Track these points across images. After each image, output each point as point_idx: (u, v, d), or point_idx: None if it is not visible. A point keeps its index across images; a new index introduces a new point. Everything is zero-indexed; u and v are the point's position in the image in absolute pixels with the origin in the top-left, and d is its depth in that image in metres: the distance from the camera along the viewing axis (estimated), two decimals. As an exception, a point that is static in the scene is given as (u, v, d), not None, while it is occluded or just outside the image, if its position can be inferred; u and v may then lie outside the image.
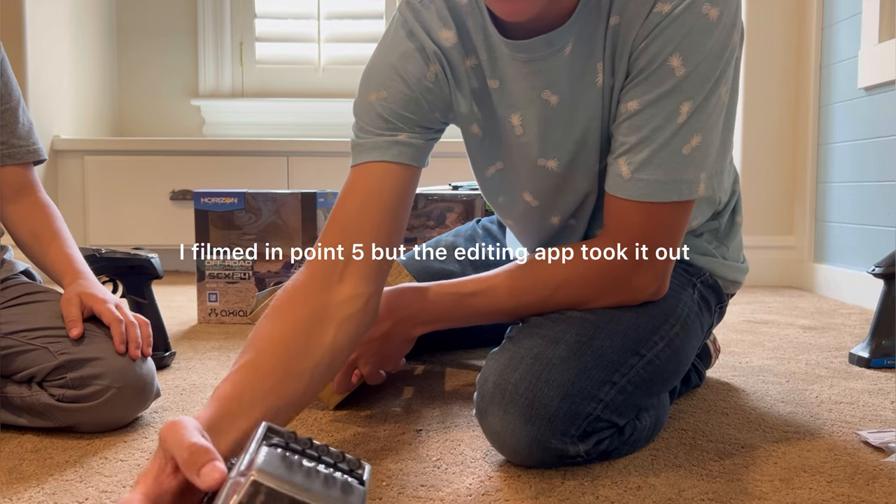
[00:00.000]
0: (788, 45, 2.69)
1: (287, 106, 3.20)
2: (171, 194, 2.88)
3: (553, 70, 0.93)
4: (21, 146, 1.22)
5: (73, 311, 1.07)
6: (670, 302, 1.00)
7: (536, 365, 0.89)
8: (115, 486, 0.86)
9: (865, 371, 1.43)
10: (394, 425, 1.08)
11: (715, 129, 0.92)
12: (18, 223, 1.21)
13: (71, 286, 1.12)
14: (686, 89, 0.88)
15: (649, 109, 0.89)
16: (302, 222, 1.92)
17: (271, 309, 0.87)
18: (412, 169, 0.96)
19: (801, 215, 2.72)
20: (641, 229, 0.93)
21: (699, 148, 0.90)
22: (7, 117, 1.21)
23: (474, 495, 0.84)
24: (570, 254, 0.97)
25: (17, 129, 1.22)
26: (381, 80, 0.97)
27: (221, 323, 1.94)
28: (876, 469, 0.92)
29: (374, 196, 0.94)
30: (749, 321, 1.98)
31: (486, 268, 1.09)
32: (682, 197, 0.91)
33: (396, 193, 0.95)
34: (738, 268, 1.16)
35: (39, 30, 2.71)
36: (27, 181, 1.23)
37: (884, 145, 2.21)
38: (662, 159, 0.90)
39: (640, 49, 0.89)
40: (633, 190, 0.91)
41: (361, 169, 0.95)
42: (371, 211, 0.93)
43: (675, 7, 0.86)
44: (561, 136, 0.98)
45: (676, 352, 0.98)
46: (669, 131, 0.89)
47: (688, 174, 0.90)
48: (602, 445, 0.91)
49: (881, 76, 2.18)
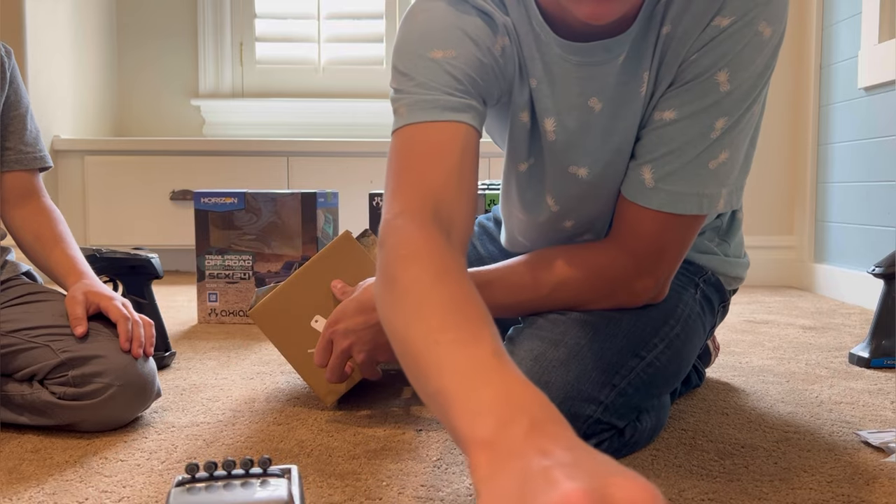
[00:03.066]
0: (788, 45, 2.69)
1: (287, 106, 3.20)
2: (171, 194, 2.88)
3: (604, 76, 0.90)
4: (28, 153, 1.25)
5: (77, 310, 1.08)
6: (671, 303, 0.99)
7: (536, 367, 0.89)
8: (115, 486, 0.86)
9: (865, 371, 1.43)
10: (394, 425, 1.08)
11: (742, 146, 0.90)
12: (22, 227, 1.24)
13: (76, 285, 1.13)
14: (726, 106, 0.86)
15: (685, 122, 0.87)
16: (302, 222, 1.92)
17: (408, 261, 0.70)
18: (478, 140, 0.87)
19: (801, 215, 2.72)
20: (651, 238, 0.92)
21: (725, 164, 0.89)
22: (16, 124, 1.24)
23: (474, 495, 0.84)
24: (572, 254, 0.96)
25: (24, 136, 1.25)
26: (446, 39, 0.86)
27: (221, 323, 1.94)
28: (876, 469, 0.92)
29: (469, 157, 0.84)
30: (749, 321, 1.98)
31: (482, 265, 1.08)
32: (701, 210, 0.90)
33: (475, 160, 0.85)
34: (739, 263, 1.16)
35: (40, 30, 2.71)
36: (32, 187, 1.26)
37: (884, 145, 2.21)
38: (688, 172, 0.88)
39: (692, 61, 0.86)
40: (653, 199, 0.90)
41: (441, 127, 0.83)
42: (466, 174, 0.83)
43: (733, 22, 0.84)
44: (597, 144, 0.94)
45: (677, 353, 0.98)
46: (701, 146, 0.87)
47: (710, 188, 0.89)
48: (602, 448, 0.91)
49: (881, 76, 2.18)
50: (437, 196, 0.79)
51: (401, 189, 0.81)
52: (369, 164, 2.89)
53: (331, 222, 2.02)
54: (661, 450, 0.99)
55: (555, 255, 0.97)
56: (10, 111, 1.23)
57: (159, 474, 0.90)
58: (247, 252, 1.93)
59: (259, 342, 1.68)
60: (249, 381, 1.33)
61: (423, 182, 0.80)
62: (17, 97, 1.24)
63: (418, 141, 0.84)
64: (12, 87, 1.24)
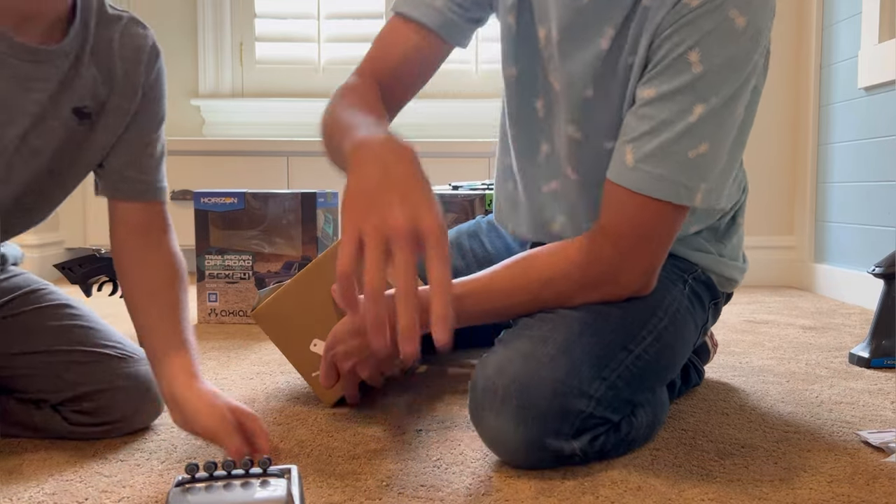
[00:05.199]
0: (788, 45, 2.69)
1: (287, 106, 3.19)
2: (171, 194, 2.88)
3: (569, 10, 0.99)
4: (150, 182, 1.03)
5: (235, 441, 0.84)
6: (658, 296, 1.00)
7: (526, 365, 0.89)
8: (115, 486, 0.86)
9: (865, 371, 1.43)
10: (394, 425, 1.08)
11: (724, 144, 0.93)
12: (130, 269, 1.02)
13: (202, 390, 0.90)
14: (700, 90, 0.89)
15: (663, 100, 0.90)
16: (302, 222, 1.92)
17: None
18: (448, 47, 1.08)
19: (801, 215, 2.72)
20: (633, 223, 0.93)
21: (705, 157, 0.91)
22: (148, 148, 1.03)
23: (474, 495, 0.84)
24: (555, 252, 0.98)
25: (161, 165, 1.05)
26: None
27: (221, 323, 1.94)
28: (876, 469, 0.92)
29: (411, 61, 1.07)
30: (749, 321, 1.98)
31: (491, 263, 1.09)
32: (679, 200, 0.92)
33: (422, 62, 1.08)
34: (734, 266, 1.16)
35: (39, 30, 2.71)
36: (154, 222, 1.04)
37: (884, 145, 2.21)
38: (668, 156, 0.90)
39: (663, 37, 0.90)
40: (633, 179, 0.92)
41: (407, 26, 1.07)
42: (405, 76, 1.08)
43: (702, 4, 0.88)
44: (578, 56, 1.00)
45: (666, 346, 0.99)
46: (679, 128, 0.90)
47: (688, 179, 0.91)
48: (598, 443, 0.91)
49: (881, 76, 2.18)
50: (381, 77, 1.06)
51: (364, 62, 1.09)
52: (369, 164, 2.88)
53: (331, 222, 2.02)
54: (661, 450, 0.99)
55: (537, 256, 0.98)
56: (143, 129, 1.00)
57: (159, 474, 0.90)
58: (247, 252, 1.93)
59: (259, 342, 1.68)
60: (249, 381, 1.33)
61: (376, 64, 1.08)
62: (156, 111, 1.01)
63: (389, 29, 1.08)
64: (154, 97, 1.00)
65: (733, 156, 0.97)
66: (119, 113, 0.98)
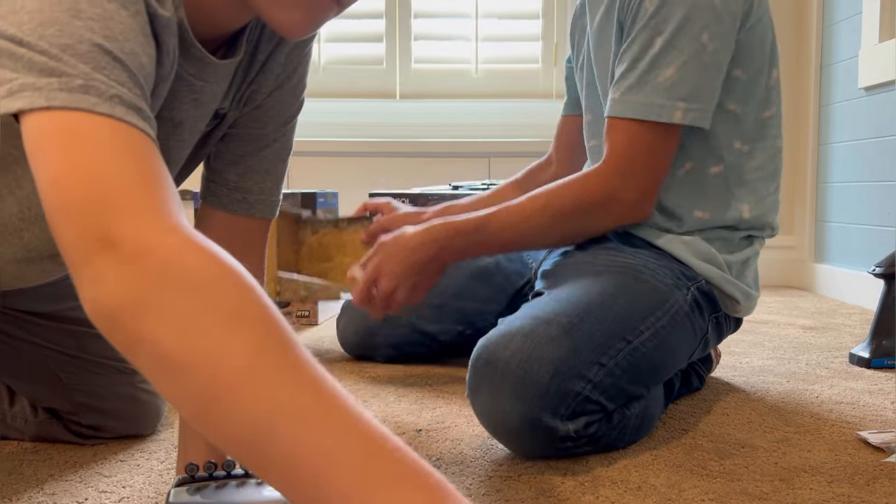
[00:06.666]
0: (788, 46, 2.69)
1: (287, 106, 3.20)
2: (172, 194, 2.88)
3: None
4: (271, 200, 0.93)
5: None
6: (661, 296, 1.04)
7: (528, 343, 0.92)
8: (114, 486, 0.86)
9: (866, 371, 1.43)
10: (394, 425, 1.08)
11: (689, 66, 1.05)
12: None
13: None
14: (655, 24, 1.05)
15: (630, 44, 1.08)
16: (302, 222, 1.92)
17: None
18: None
19: (801, 215, 2.72)
20: (624, 146, 1.07)
21: (675, 81, 1.05)
22: (277, 161, 0.94)
23: (474, 495, 0.84)
24: (558, 183, 1.11)
25: (280, 181, 0.94)
26: None
27: (221, 323, 1.94)
28: (876, 469, 0.92)
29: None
30: (749, 321, 1.98)
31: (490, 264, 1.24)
32: (659, 118, 1.05)
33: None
34: (738, 286, 1.14)
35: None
36: (254, 240, 0.91)
37: (884, 145, 2.21)
38: (643, 84, 1.06)
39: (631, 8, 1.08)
40: (618, 109, 1.08)
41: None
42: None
43: None
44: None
45: (662, 343, 1.01)
46: (647, 61, 1.06)
47: (665, 100, 1.05)
48: (591, 429, 0.93)
49: (881, 76, 2.18)
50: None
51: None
52: (370, 163, 2.89)
53: (331, 222, 2.02)
54: (661, 449, 0.99)
55: (542, 189, 1.11)
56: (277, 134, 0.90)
57: (159, 474, 0.90)
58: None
59: (259, 342, 1.68)
60: (249, 381, 1.33)
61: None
62: (294, 107, 0.91)
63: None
64: (295, 92, 0.89)
65: (711, 79, 1.07)
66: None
